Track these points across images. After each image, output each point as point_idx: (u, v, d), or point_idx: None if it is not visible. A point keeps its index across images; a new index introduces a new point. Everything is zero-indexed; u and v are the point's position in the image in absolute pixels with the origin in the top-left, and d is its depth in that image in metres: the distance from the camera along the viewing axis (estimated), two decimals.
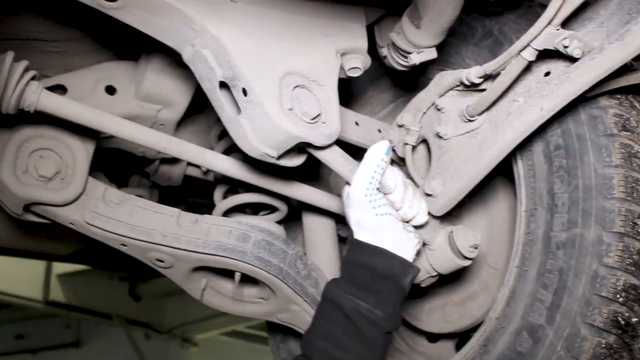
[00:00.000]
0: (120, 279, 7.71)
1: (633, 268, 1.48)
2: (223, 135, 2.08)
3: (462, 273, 2.06)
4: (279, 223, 2.13)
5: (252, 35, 1.58)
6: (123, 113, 1.86)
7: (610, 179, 1.50)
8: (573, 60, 1.48)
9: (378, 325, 1.49)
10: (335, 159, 1.66)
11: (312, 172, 2.24)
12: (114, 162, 2.18)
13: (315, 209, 2.08)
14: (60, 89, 1.83)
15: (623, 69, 1.46)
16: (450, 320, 2.13)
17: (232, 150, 1.95)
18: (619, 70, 1.44)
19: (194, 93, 1.98)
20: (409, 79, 2.24)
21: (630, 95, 1.59)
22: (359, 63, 1.80)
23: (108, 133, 1.68)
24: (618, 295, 1.47)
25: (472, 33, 1.94)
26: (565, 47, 1.45)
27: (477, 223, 2.07)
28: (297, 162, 1.67)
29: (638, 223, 1.49)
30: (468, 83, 1.68)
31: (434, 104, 1.81)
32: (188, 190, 2.76)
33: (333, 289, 1.56)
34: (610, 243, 1.48)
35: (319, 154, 1.65)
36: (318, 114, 1.57)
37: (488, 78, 1.65)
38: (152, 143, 1.68)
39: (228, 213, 2.07)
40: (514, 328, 1.64)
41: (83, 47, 1.91)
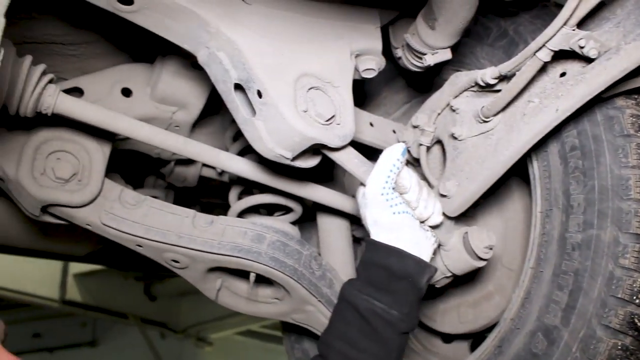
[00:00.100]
0: (136, 279, 7.74)
1: None
2: (238, 137, 2.08)
3: (477, 274, 2.06)
4: (294, 224, 2.13)
5: (266, 38, 1.59)
6: (139, 115, 1.88)
7: (627, 180, 1.49)
8: (589, 61, 1.47)
9: (394, 326, 1.48)
10: (350, 160, 1.66)
11: (326, 173, 2.24)
12: (130, 163, 2.20)
13: (330, 210, 2.07)
14: (77, 92, 1.84)
15: None
16: (465, 321, 2.12)
17: (247, 152, 1.95)
18: (636, 70, 1.42)
19: (209, 95, 1.98)
20: (424, 80, 2.23)
21: None
22: (374, 64, 1.80)
23: (124, 135, 1.69)
24: (634, 297, 1.46)
25: (487, 33, 1.93)
26: (581, 47, 1.44)
27: (492, 224, 2.06)
28: (311, 163, 1.67)
29: None
30: (483, 84, 1.68)
31: (449, 105, 1.81)
32: (203, 191, 2.77)
33: (349, 289, 1.55)
34: (627, 244, 1.47)
35: (334, 155, 1.65)
36: (332, 116, 1.57)
37: (503, 79, 1.65)
38: (167, 145, 1.69)
39: (243, 214, 2.08)
40: (529, 329, 1.63)
41: (99, 49, 1.92)
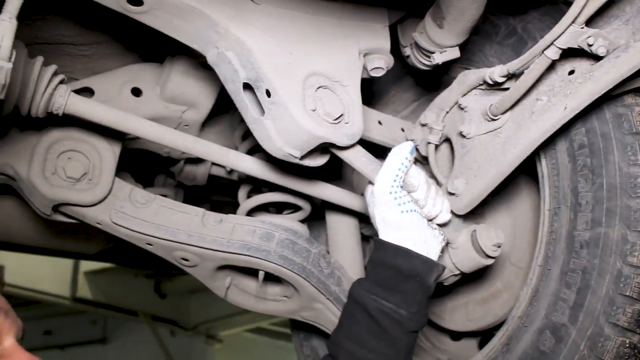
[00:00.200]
0: (146, 276, 7.77)
1: None
2: (247, 136, 2.08)
3: (485, 271, 2.06)
4: (303, 222, 2.14)
5: (275, 37, 1.59)
6: (149, 114, 1.89)
7: (636, 178, 1.49)
8: (598, 59, 1.47)
9: (402, 325, 1.49)
10: (358, 159, 1.66)
11: (335, 171, 2.24)
12: (140, 162, 2.21)
13: (339, 208, 2.08)
14: (88, 92, 1.85)
15: None
16: (473, 319, 2.12)
17: (256, 150, 1.95)
18: None
19: (218, 94, 1.99)
20: (432, 78, 2.23)
21: None
22: (382, 63, 1.80)
23: (134, 135, 1.70)
24: None
25: (495, 31, 1.93)
26: (590, 45, 1.44)
27: (500, 221, 2.07)
28: (320, 162, 1.67)
29: None
30: (491, 82, 1.68)
31: (457, 103, 1.81)
32: (213, 189, 2.77)
33: (358, 289, 1.56)
34: (635, 242, 1.47)
35: (342, 154, 1.66)
36: (341, 115, 1.58)
37: (511, 77, 1.65)
38: (177, 144, 1.70)
39: (252, 212, 2.08)
40: (537, 327, 1.64)
41: (109, 50, 1.93)
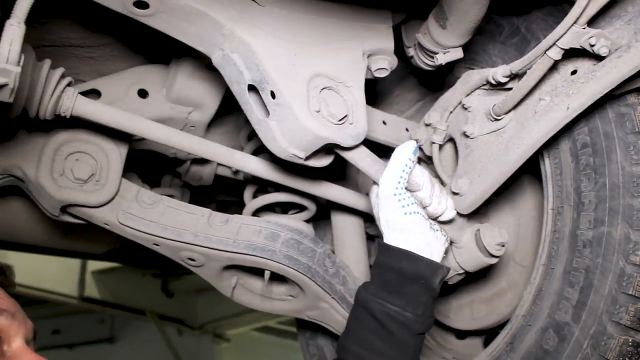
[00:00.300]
0: (153, 276, 7.80)
1: None
2: (252, 136, 2.09)
3: (489, 270, 2.06)
4: (308, 221, 2.14)
5: (280, 39, 1.60)
6: (155, 116, 1.90)
7: (638, 177, 1.49)
8: (600, 59, 1.47)
9: (408, 327, 1.50)
10: (363, 159, 1.67)
11: (340, 171, 2.25)
12: (147, 163, 2.22)
13: (344, 208, 2.08)
14: (95, 93, 1.87)
15: None
16: (478, 317, 2.13)
17: (261, 151, 1.95)
18: None
19: (224, 95, 2.00)
20: (436, 78, 2.23)
21: None
22: (386, 64, 1.81)
23: (141, 136, 1.71)
24: None
25: (499, 31, 1.93)
26: (592, 45, 1.44)
27: (504, 220, 2.07)
28: (324, 162, 1.68)
29: None
30: (494, 82, 1.68)
31: (461, 103, 1.82)
32: (219, 189, 2.79)
33: (364, 294, 1.57)
34: (638, 241, 1.47)
35: (346, 155, 1.66)
36: (345, 115, 1.58)
37: (514, 77, 1.65)
38: (183, 145, 1.71)
39: (258, 212, 2.08)
40: (540, 326, 1.64)
41: (116, 52, 1.95)
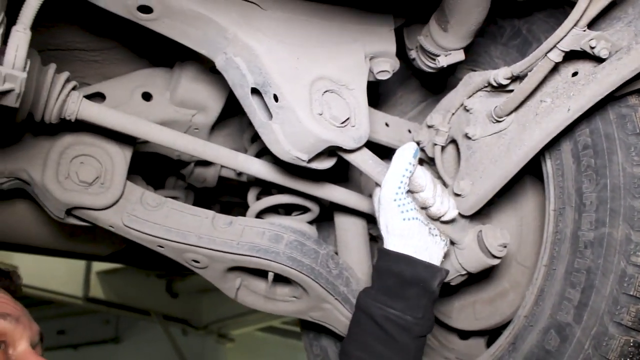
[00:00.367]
0: (158, 276, 7.83)
1: None
2: (256, 138, 2.09)
3: (492, 271, 2.06)
4: (312, 223, 2.16)
5: (282, 42, 1.61)
6: (159, 118, 1.92)
7: (639, 178, 1.49)
8: (600, 61, 1.48)
9: (409, 331, 1.51)
10: (365, 161, 1.67)
11: (343, 173, 2.26)
12: (151, 165, 2.23)
13: (347, 209, 2.09)
14: (99, 97, 1.88)
15: None
16: (481, 318, 2.13)
17: (265, 152, 1.95)
18: None
19: (227, 97, 2.01)
20: (439, 79, 2.24)
21: None
22: (388, 66, 1.81)
23: (145, 139, 1.72)
24: None
25: (500, 33, 1.93)
26: (592, 47, 1.44)
27: (506, 221, 2.07)
28: (327, 164, 1.69)
29: None
30: (496, 84, 1.69)
31: (463, 105, 1.82)
32: (223, 191, 2.80)
33: (364, 299, 1.58)
34: (639, 242, 1.48)
35: (349, 157, 1.67)
36: (347, 118, 1.59)
37: (516, 79, 1.66)
38: (187, 148, 1.71)
39: (261, 213, 2.10)
40: (542, 326, 1.65)
41: (120, 55, 1.96)
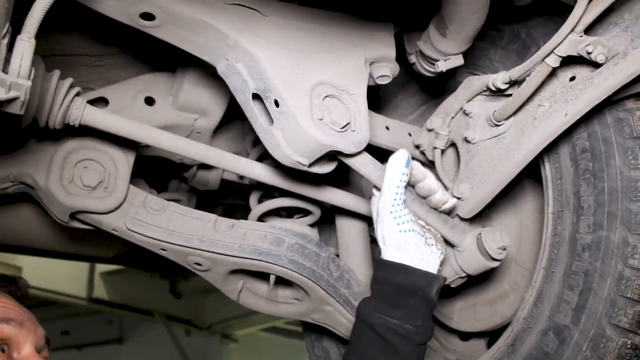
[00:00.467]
0: (161, 277, 7.84)
1: None
2: (258, 142, 2.10)
3: (492, 273, 2.07)
4: (313, 225, 2.17)
5: (283, 48, 1.62)
6: (162, 123, 1.94)
7: (636, 182, 1.51)
8: (597, 66, 1.49)
9: (409, 339, 1.52)
10: (365, 165, 1.68)
11: (344, 176, 2.27)
12: (154, 168, 2.24)
13: (348, 212, 2.10)
14: (103, 101, 1.90)
15: None
16: (481, 319, 2.14)
17: (267, 156, 1.97)
18: None
19: (229, 102, 2.02)
20: (440, 83, 2.25)
21: None
22: (388, 71, 1.83)
23: (148, 144, 1.74)
24: None
25: (500, 37, 1.95)
26: (589, 53, 1.46)
27: (506, 223, 2.09)
28: (328, 169, 1.70)
29: None
30: (494, 88, 1.70)
31: (462, 109, 1.84)
32: (225, 193, 2.81)
33: (364, 309, 1.60)
34: (636, 245, 1.49)
35: (349, 161, 1.68)
36: (347, 123, 1.60)
37: (514, 83, 1.67)
38: (190, 153, 1.73)
39: (263, 216, 2.11)
40: (541, 328, 1.66)
41: (123, 60, 1.97)
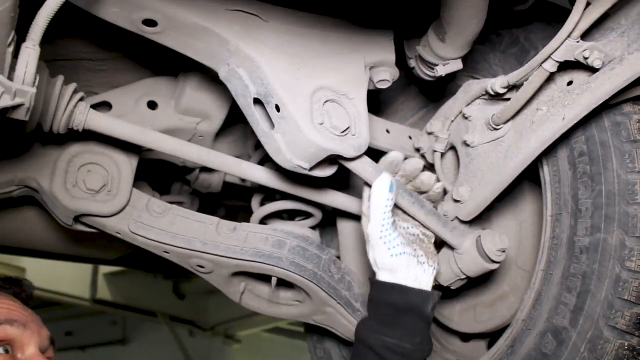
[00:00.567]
0: (165, 278, 7.86)
1: None
2: (259, 145, 2.12)
3: (492, 274, 2.09)
4: (314, 228, 2.18)
5: (284, 53, 1.64)
6: (164, 126, 1.95)
7: (633, 185, 1.52)
8: (594, 71, 1.51)
9: (409, 357, 1.55)
10: (365, 169, 1.69)
11: (344, 178, 2.29)
12: (157, 171, 2.26)
13: (349, 215, 2.10)
14: (106, 106, 1.92)
15: None
16: (481, 321, 2.15)
17: (268, 159, 1.98)
18: None
19: (231, 105, 2.03)
20: (439, 86, 2.26)
21: None
22: (387, 75, 1.85)
23: (151, 148, 1.75)
24: None
25: (499, 41, 1.96)
26: (586, 58, 1.48)
27: (506, 225, 2.10)
28: (328, 172, 1.71)
29: None
30: (493, 92, 1.72)
31: (462, 112, 1.86)
32: (227, 195, 2.83)
33: (362, 330, 1.63)
34: (633, 247, 1.50)
35: (349, 165, 1.69)
36: (347, 127, 1.62)
37: (512, 88, 1.69)
38: (192, 156, 1.74)
39: (265, 219, 2.12)
40: (539, 330, 1.68)
41: (126, 65, 1.99)
